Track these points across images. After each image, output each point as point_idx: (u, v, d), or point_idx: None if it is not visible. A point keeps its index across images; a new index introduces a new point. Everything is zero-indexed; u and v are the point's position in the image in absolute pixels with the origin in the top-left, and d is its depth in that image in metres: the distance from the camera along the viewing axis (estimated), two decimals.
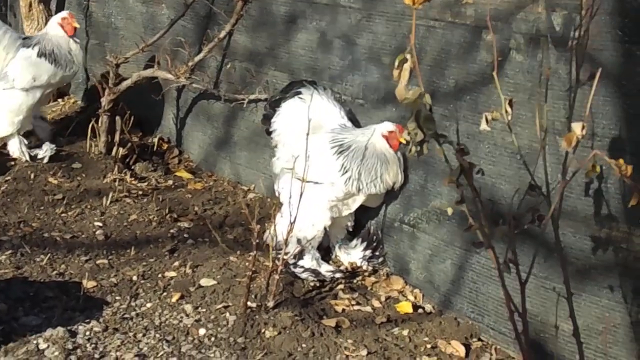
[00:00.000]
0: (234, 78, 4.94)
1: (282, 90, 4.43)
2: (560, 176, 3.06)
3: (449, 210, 2.61)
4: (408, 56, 2.26)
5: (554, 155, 3.18)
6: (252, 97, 4.73)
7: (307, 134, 3.72)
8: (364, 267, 4.18)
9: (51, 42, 5.10)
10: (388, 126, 3.97)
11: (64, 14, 5.17)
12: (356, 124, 4.25)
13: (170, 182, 5.08)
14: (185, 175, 5.21)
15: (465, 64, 3.63)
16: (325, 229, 4.13)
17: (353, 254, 4.22)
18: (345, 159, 3.99)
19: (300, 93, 4.31)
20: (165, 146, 5.51)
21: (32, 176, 4.93)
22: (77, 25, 5.13)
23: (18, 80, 5.06)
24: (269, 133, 4.42)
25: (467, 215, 2.49)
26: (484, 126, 2.58)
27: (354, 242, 4.26)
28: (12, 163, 5.11)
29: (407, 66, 2.25)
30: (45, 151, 5.16)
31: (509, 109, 2.57)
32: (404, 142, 3.88)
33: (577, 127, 2.31)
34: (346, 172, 3.98)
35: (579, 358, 2.78)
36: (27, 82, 5.06)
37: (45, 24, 5.84)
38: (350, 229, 4.29)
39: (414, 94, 2.26)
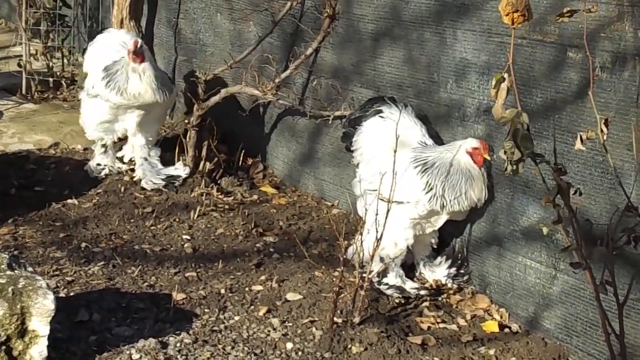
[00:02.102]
0: (319, 94, 4.99)
1: (361, 107, 4.44)
2: None
3: (544, 230, 2.60)
4: (505, 75, 2.26)
5: None
6: (337, 113, 4.76)
7: (395, 151, 3.73)
8: (449, 285, 4.17)
9: (119, 66, 5.06)
10: (472, 142, 3.95)
11: (133, 39, 5.12)
12: (438, 140, 4.24)
13: (255, 196, 5.15)
14: (269, 190, 5.27)
15: (551, 82, 3.61)
16: (408, 247, 4.14)
17: (438, 272, 4.21)
18: (430, 176, 3.98)
19: (381, 111, 4.32)
20: (250, 161, 5.58)
21: (122, 189, 5.07)
22: (139, 57, 4.98)
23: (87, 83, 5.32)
24: (350, 151, 4.45)
25: (564, 236, 2.47)
26: (578, 145, 2.57)
27: (439, 259, 4.25)
28: (103, 176, 5.26)
29: (504, 85, 2.25)
30: (178, 170, 5.25)
31: (604, 129, 2.56)
32: (488, 158, 3.89)
33: None
34: (430, 189, 3.97)
35: None
36: (89, 87, 5.24)
37: None
38: (435, 246, 4.28)
39: (511, 113, 2.26)
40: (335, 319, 3.69)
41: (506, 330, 3.83)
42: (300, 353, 3.53)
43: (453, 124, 4.19)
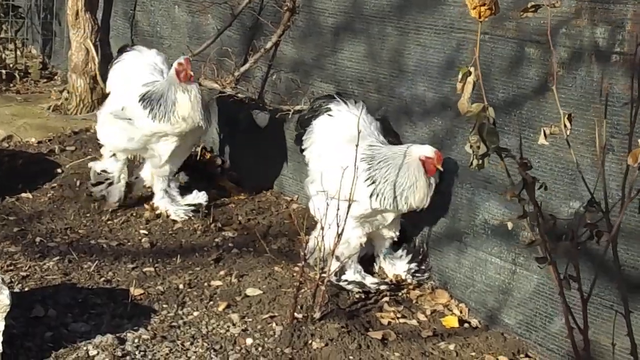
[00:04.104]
0: (279, 89, 4.96)
1: (311, 107, 4.38)
2: (610, 192, 3.06)
3: (510, 225, 2.59)
4: (472, 69, 2.25)
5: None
6: (297, 107, 4.73)
7: (357, 145, 3.69)
8: (409, 281, 4.16)
9: (163, 88, 4.51)
10: (427, 151, 3.85)
11: (180, 59, 4.50)
12: (394, 135, 4.22)
13: (213, 191, 5.09)
14: (228, 185, 5.23)
15: (513, 77, 3.63)
16: (361, 244, 4.09)
17: (398, 266, 4.19)
18: (375, 173, 3.91)
19: (329, 110, 4.26)
20: (208, 156, 5.53)
21: (77, 183, 4.99)
22: (192, 73, 4.47)
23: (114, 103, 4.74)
24: (302, 151, 4.41)
25: (527, 230, 2.47)
26: (542, 140, 2.57)
27: (399, 252, 4.21)
28: (59, 170, 5.16)
29: (470, 79, 2.24)
30: (195, 198, 4.80)
31: (568, 124, 2.56)
32: (441, 169, 3.85)
33: None
34: (373, 183, 3.89)
35: None
36: (112, 108, 4.71)
37: (92, 33, 5.92)
38: (396, 239, 4.23)
39: (477, 107, 2.25)
40: (295, 314, 3.66)
41: (466, 325, 3.84)
42: (260, 348, 3.50)
43: (414, 119, 4.19)
